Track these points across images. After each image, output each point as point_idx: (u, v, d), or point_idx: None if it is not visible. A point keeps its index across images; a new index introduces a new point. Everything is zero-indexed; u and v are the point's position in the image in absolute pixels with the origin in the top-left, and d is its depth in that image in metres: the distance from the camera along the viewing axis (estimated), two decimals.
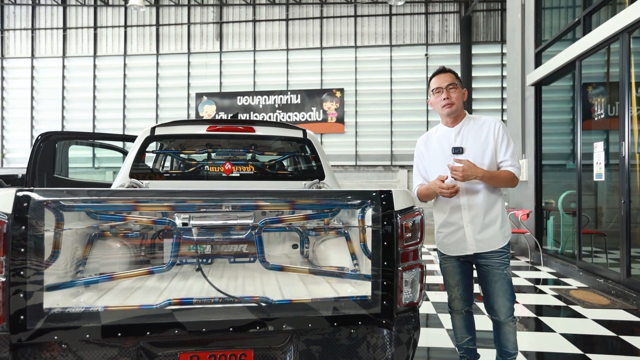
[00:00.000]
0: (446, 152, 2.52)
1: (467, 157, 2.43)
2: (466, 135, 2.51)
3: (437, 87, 2.52)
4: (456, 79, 2.53)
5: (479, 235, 2.44)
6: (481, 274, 2.53)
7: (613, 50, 5.61)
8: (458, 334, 2.70)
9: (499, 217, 2.48)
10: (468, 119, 2.56)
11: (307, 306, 2.04)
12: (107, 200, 1.89)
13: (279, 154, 3.90)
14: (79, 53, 13.92)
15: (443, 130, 2.61)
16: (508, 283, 2.46)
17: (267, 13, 13.77)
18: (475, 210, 2.45)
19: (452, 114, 2.52)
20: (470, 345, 2.69)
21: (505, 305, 2.46)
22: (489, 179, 2.39)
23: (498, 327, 2.55)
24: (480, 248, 2.46)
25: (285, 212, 2.19)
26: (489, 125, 2.50)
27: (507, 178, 2.43)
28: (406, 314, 2.09)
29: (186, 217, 1.89)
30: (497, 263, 2.45)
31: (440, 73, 2.55)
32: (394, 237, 2.06)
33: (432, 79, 2.58)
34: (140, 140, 3.55)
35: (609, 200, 6.23)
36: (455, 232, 2.50)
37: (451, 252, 2.55)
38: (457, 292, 2.59)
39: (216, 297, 1.97)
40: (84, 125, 13.76)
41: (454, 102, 2.48)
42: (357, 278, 2.25)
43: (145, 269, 2.00)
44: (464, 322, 2.66)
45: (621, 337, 3.67)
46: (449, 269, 2.60)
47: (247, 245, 2.12)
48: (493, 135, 2.46)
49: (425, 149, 2.66)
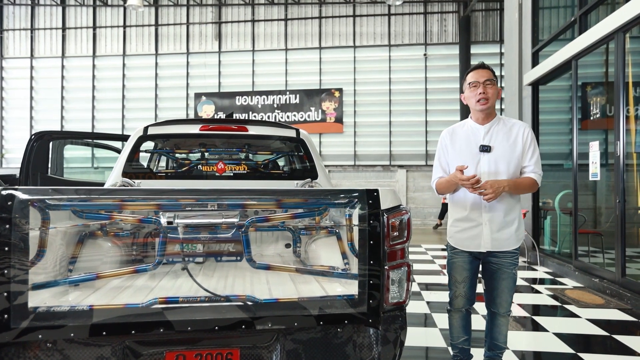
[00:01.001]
0: (473, 148, 2.51)
1: (494, 156, 2.46)
2: (495, 134, 2.51)
3: (474, 81, 2.48)
4: (493, 76, 2.51)
5: (496, 234, 2.47)
6: (490, 271, 2.56)
7: (609, 50, 5.60)
8: (455, 333, 2.69)
9: (516, 219, 2.52)
10: (498, 119, 2.56)
11: (294, 305, 2.04)
12: (92, 199, 1.89)
13: (272, 154, 3.91)
14: (78, 53, 13.94)
15: (472, 126, 2.58)
16: (514, 281, 2.53)
17: (266, 13, 13.77)
18: (496, 209, 2.47)
19: (486, 109, 2.49)
20: (465, 346, 2.70)
21: (507, 300, 2.54)
22: (514, 189, 2.43)
23: (494, 319, 2.60)
24: (495, 247, 2.49)
25: (272, 211, 2.20)
26: (518, 129, 2.51)
27: (530, 184, 2.47)
28: (393, 313, 2.09)
29: (171, 215, 1.89)
30: (508, 263, 2.51)
31: (479, 68, 2.52)
32: (380, 236, 2.06)
33: (470, 73, 2.55)
34: (133, 139, 3.56)
35: (605, 200, 6.23)
36: (473, 228, 2.51)
37: (465, 247, 2.56)
38: (462, 289, 2.59)
39: (202, 296, 1.98)
40: (83, 125, 13.77)
41: (489, 97, 2.47)
42: (344, 277, 2.25)
43: (131, 268, 2.01)
44: (462, 321, 2.67)
45: (614, 337, 3.66)
46: (458, 263, 2.59)
47: (233, 244, 2.12)
48: (522, 139, 2.48)
49: (450, 143, 2.62)
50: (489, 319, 2.65)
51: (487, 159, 2.47)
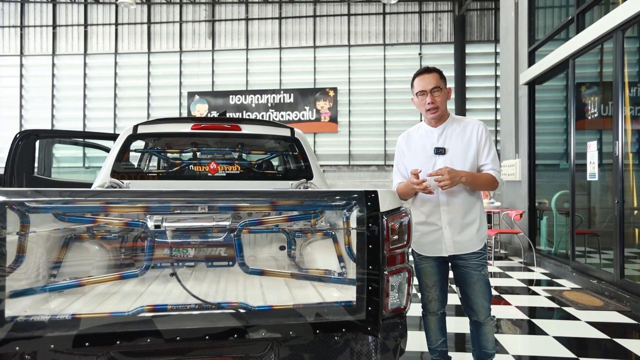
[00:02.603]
0: (428, 151, 2.49)
1: (450, 158, 2.43)
2: (449, 136, 2.48)
3: (422, 90, 2.45)
4: (441, 80, 2.47)
5: (457, 237, 2.44)
6: (459, 275, 2.52)
7: (607, 50, 5.55)
8: (432, 336, 2.64)
9: (477, 219, 2.48)
10: (452, 120, 2.53)
11: (289, 312, 1.94)
12: (74, 202, 1.78)
13: (266, 153, 3.81)
14: (69, 51, 13.73)
15: (425, 130, 2.57)
16: (486, 284, 2.48)
17: (260, 11, 13.64)
18: (455, 211, 2.44)
19: (436, 117, 2.48)
20: (444, 348, 2.67)
21: (484, 305, 2.48)
22: (472, 182, 2.38)
23: (477, 328, 2.56)
24: (457, 250, 2.46)
25: (265, 213, 2.10)
26: (472, 128, 2.48)
27: (488, 180, 2.43)
28: (392, 320, 2.00)
29: (159, 219, 1.78)
30: (475, 264, 2.46)
31: (424, 73, 2.46)
32: (379, 240, 1.97)
33: (415, 80, 2.50)
34: (122, 138, 3.45)
35: (602, 200, 6.18)
36: (433, 232, 2.48)
37: (427, 252, 2.52)
38: (434, 293, 2.55)
39: (192, 303, 1.88)
40: (75, 124, 13.57)
41: (439, 106, 2.44)
42: (341, 282, 2.16)
43: (116, 274, 1.90)
44: (438, 324, 2.62)
45: (615, 340, 3.60)
46: (426, 269, 2.55)
47: (225, 248, 2.02)
48: (476, 137, 2.45)
49: (406, 147, 2.61)
50: (473, 329, 2.60)
51: (443, 161, 2.44)
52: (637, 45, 5.51)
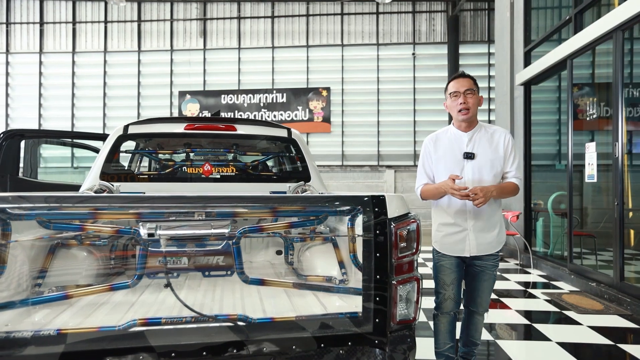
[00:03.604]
0: (457, 155, 2.56)
1: (478, 163, 2.52)
2: (478, 142, 2.56)
3: (455, 91, 2.54)
4: (474, 85, 2.56)
5: (480, 239, 2.54)
6: (473, 272, 2.62)
7: (604, 51, 5.51)
8: (441, 339, 2.67)
9: (498, 223, 2.61)
10: (480, 127, 2.62)
11: (291, 325, 1.83)
12: (61, 208, 1.65)
13: (262, 154, 3.69)
14: (56, 49, 13.45)
15: (455, 133, 2.63)
16: (494, 282, 2.65)
17: (252, 10, 13.48)
18: (480, 215, 2.53)
19: (467, 119, 2.54)
20: (450, 353, 2.67)
21: (487, 300, 2.66)
22: (500, 194, 2.49)
23: (471, 317, 2.70)
24: (480, 251, 2.55)
25: (267, 219, 1.98)
26: (499, 136, 2.58)
27: (513, 189, 2.55)
28: (401, 332, 1.90)
29: (152, 226, 1.65)
30: (491, 265, 2.60)
31: (460, 77, 2.58)
32: (387, 247, 1.86)
33: (451, 83, 2.60)
34: (112, 139, 3.31)
35: (600, 202, 6.14)
36: (458, 233, 2.55)
37: (450, 251, 2.58)
38: (451, 291, 2.60)
39: (188, 316, 1.75)
40: (63, 123, 13.30)
41: (470, 107, 2.52)
42: (346, 292, 2.04)
43: (106, 285, 1.77)
44: (449, 326, 2.66)
45: (619, 346, 3.53)
46: (446, 266, 2.60)
47: (223, 256, 1.90)
48: (503, 146, 2.55)
49: (433, 149, 2.65)
50: (466, 317, 2.74)
51: (471, 166, 2.53)
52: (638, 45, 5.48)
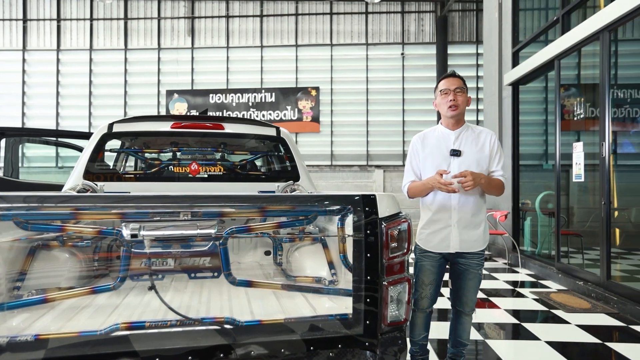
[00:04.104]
0: (444, 152, 2.61)
1: (464, 161, 2.56)
2: (464, 140, 2.62)
3: (445, 89, 2.61)
4: (464, 85, 2.64)
5: (465, 235, 2.56)
6: (457, 271, 2.65)
7: (591, 52, 5.55)
8: (416, 331, 2.74)
9: (483, 221, 2.65)
10: (467, 126, 2.68)
11: (280, 327, 1.78)
12: (41, 208, 1.58)
13: (250, 154, 3.64)
14: (40, 46, 13.21)
15: (442, 132, 2.68)
16: (479, 281, 2.66)
17: (241, 9, 13.39)
18: (464, 211, 2.56)
19: (456, 116, 2.60)
20: (424, 342, 2.77)
21: (473, 300, 2.67)
22: (487, 185, 2.53)
23: (459, 317, 2.72)
24: (463, 248, 2.58)
25: (253, 219, 1.93)
26: (485, 136, 2.65)
27: (499, 185, 2.60)
28: (391, 334, 1.87)
29: (136, 227, 1.60)
30: (475, 264, 2.61)
31: (450, 77, 2.66)
32: (378, 248, 1.82)
33: (441, 81, 2.68)
34: (96, 137, 3.24)
35: (586, 201, 6.20)
36: (442, 230, 2.58)
37: (434, 248, 2.60)
38: (428, 290, 2.64)
39: (173, 319, 1.69)
40: (47, 122, 13.06)
41: (459, 105, 2.58)
42: (336, 293, 2.01)
43: (88, 287, 1.70)
44: (425, 320, 2.72)
45: (607, 345, 3.54)
46: (427, 266, 2.62)
47: (210, 258, 1.85)
48: (489, 145, 2.61)
49: (421, 147, 2.70)
50: (454, 317, 2.76)
51: (458, 163, 2.57)
52: (624, 46, 5.53)
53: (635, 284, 4.94)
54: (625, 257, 5.87)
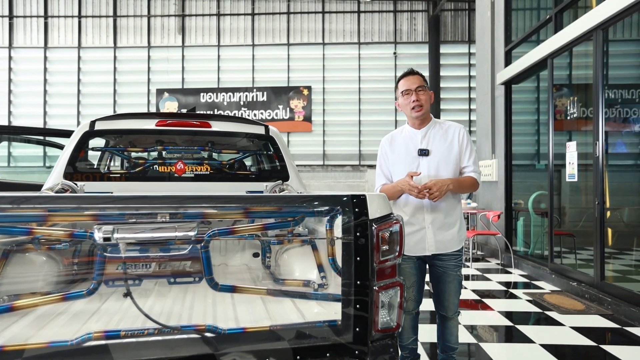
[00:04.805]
0: (412, 153, 2.56)
1: (433, 159, 2.51)
2: (432, 138, 2.56)
3: (407, 89, 2.54)
4: (424, 82, 2.58)
5: (439, 236, 2.51)
6: (436, 274, 2.59)
7: (584, 52, 5.51)
8: (405, 334, 2.66)
9: (457, 220, 2.58)
10: (434, 123, 2.62)
11: (265, 335, 1.69)
12: (4, 210, 1.47)
13: (238, 152, 3.53)
14: (27, 44, 12.98)
15: (409, 132, 2.64)
16: (459, 283, 2.58)
17: (232, 7, 13.25)
18: (437, 212, 2.51)
19: (421, 116, 2.54)
20: (414, 345, 2.70)
21: (454, 302, 2.59)
22: (458, 187, 2.47)
23: (444, 322, 2.64)
24: (439, 249, 2.51)
25: (238, 221, 1.83)
26: (453, 131, 2.57)
27: (471, 183, 2.54)
28: (382, 341, 1.77)
29: (109, 229, 1.49)
30: (453, 265, 2.55)
31: (409, 75, 2.58)
32: (368, 251, 1.73)
33: (401, 81, 2.61)
34: (77, 135, 3.12)
35: (579, 201, 6.17)
36: (417, 232, 2.52)
37: (409, 251, 2.54)
38: (411, 292, 2.57)
39: (151, 327, 1.59)
40: (35, 121, 12.82)
41: (423, 104, 2.52)
42: (325, 299, 1.92)
43: (58, 294, 1.60)
44: (412, 322, 2.66)
45: (602, 347, 3.49)
46: (406, 269, 2.55)
47: (190, 262, 1.75)
48: (458, 140, 2.54)
49: (389, 149, 2.67)
50: (439, 323, 2.69)
51: (427, 162, 2.52)
52: (616, 47, 5.50)
53: (629, 284, 4.90)
54: (618, 257, 5.84)
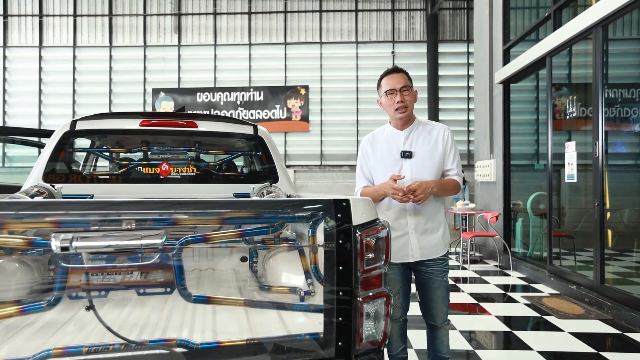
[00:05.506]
0: (394, 154, 2.46)
1: (416, 161, 2.41)
2: (415, 139, 2.46)
3: (391, 89, 2.43)
4: (409, 81, 2.47)
5: (423, 242, 2.41)
6: (421, 280, 2.49)
7: (583, 51, 5.40)
8: (393, 343, 2.52)
9: (441, 224, 2.49)
10: (417, 123, 2.51)
11: (241, 349, 1.57)
12: None
13: (226, 153, 3.42)
14: (22, 43, 12.86)
15: (391, 132, 2.53)
16: (446, 289, 2.48)
17: (229, 6, 13.13)
18: (420, 216, 2.41)
19: (405, 117, 2.43)
20: (404, 355, 2.56)
21: (442, 310, 2.47)
22: (441, 190, 2.38)
23: (433, 331, 2.53)
24: (423, 255, 2.41)
25: (213, 227, 1.72)
26: (437, 132, 2.48)
27: (454, 186, 2.45)
28: (367, 356, 1.66)
29: (67, 238, 1.38)
30: (438, 271, 2.44)
31: (393, 73, 2.46)
32: (351, 259, 1.62)
33: (384, 79, 2.49)
34: (57, 135, 3.02)
35: (578, 202, 6.05)
36: (400, 238, 2.41)
37: (393, 258, 2.39)
38: (397, 300, 2.46)
39: (117, 343, 1.48)
40: (29, 121, 12.71)
41: (408, 105, 2.41)
42: (306, 310, 1.80)
43: (15, 308, 1.48)
44: (400, 330, 2.55)
45: (602, 354, 3.37)
46: (391, 276, 2.41)
47: (161, 271, 1.64)
48: (442, 142, 2.45)
49: (371, 150, 2.55)
50: (429, 332, 2.58)
51: (410, 165, 2.42)
52: (616, 45, 5.38)
53: (630, 287, 4.79)
54: (618, 259, 5.73)
